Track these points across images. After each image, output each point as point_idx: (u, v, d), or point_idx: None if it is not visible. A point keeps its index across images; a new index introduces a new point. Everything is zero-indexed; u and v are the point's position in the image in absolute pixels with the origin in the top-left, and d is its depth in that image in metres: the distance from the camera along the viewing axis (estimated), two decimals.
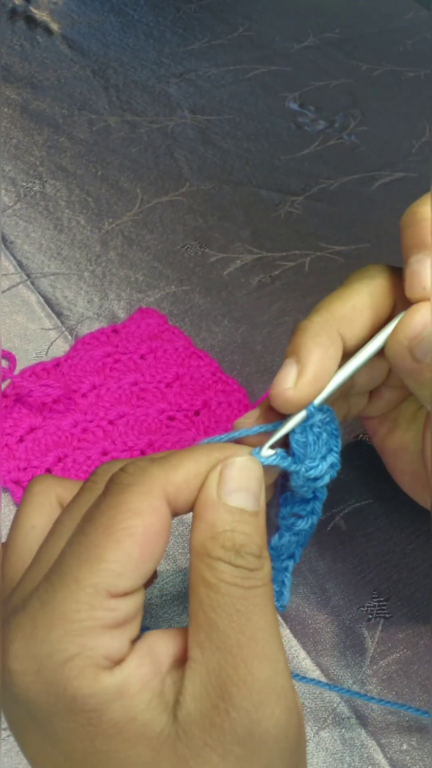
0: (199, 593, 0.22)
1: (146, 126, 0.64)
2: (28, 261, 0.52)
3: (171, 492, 0.23)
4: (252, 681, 0.21)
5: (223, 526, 0.23)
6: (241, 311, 0.50)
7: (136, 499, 0.22)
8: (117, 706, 0.21)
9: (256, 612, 0.22)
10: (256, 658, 0.21)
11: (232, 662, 0.21)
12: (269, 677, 0.22)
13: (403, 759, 0.33)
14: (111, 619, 0.21)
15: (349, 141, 0.65)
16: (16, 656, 0.21)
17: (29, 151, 0.61)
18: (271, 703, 0.21)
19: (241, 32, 0.77)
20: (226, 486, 0.23)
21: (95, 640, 0.21)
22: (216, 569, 0.22)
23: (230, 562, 0.22)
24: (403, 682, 0.36)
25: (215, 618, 0.22)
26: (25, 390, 0.43)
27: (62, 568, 0.22)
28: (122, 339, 0.47)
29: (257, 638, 0.22)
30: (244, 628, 0.22)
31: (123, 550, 0.21)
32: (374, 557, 0.39)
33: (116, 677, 0.21)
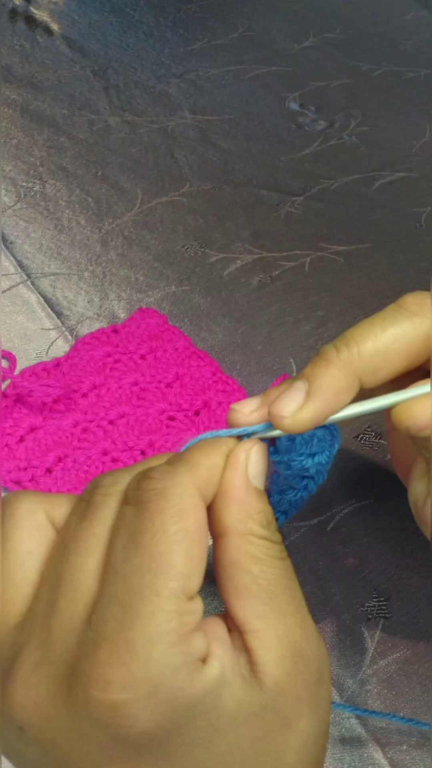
0: (251, 570, 0.24)
1: (146, 126, 0.64)
2: (28, 261, 0.52)
3: (202, 488, 0.24)
4: (311, 634, 0.24)
5: (258, 507, 0.25)
6: (241, 311, 0.51)
7: (179, 501, 0.22)
8: (226, 695, 0.22)
9: (294, 579, 0.25)
10: (308, 618, 0.24)
11: (295, 623, 0.24)
12: (316, 629, 0.25)
13: (403, 759, 0.33)
14: (196, 621, 0.22)
15: (350, 141, 0.65)
16: (122, 687, 0.20)
17: (29, 151, 0.61)
18: (323, 651, 0.25)
19: (242, 32, 0.77)
20: (253, 469, 0.25)
21: (191, 645, 0.21)
22: (262, 546, 0.24)
23: (270, 539, 0.24)
24: (403, 682, 0.36)
25: (274, 589, 0.24)
26: (25, 390, 0.43)
27: (128, 583, 0.21)
28: (122, 339, 0.47)
29: (302, 603, 0.24)
30: (295, 594, 0.24)
31: (186, 551, 0.22)
32: (374, 557, 0.39)
33: (215, 669, 0.22)
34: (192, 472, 0.24)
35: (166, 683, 0.20)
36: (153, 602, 0.21)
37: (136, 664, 0.20)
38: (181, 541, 0.22)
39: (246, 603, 0.23)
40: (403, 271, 0.55)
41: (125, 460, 0.42)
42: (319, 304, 0.52)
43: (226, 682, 0.22)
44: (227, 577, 0.24)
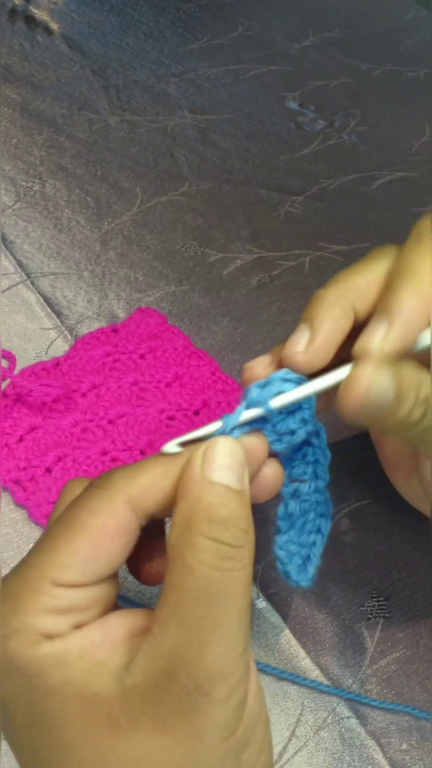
0: (173, 575, 0.22)
1: (146, 126, 0.64)
2: (27, 261, 0.52)
3: (134, 495, 0.24)
4: (200, 661, 0.22)
5: (209, 500, 0.23)
6: (240, 311, 0.50)
7: (97, 501, 0.23)
8: (55, 672, 0.22)
9: (228, 597, 0.22)
10: (212, 641, 0.22)
11: (186, 641, 0.22)
12: (218, 660, 0.22)
13: (403, 759, 0.33)
14: (51, 605, 0.22)
15: (349, 141, 0.65)
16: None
17: (29, 150, 0.60)
18: (212, 683, 0.22)
19: (241, 32, 0.77)
20: (211, 464, 0.24)
21: (34, 619, 0.22)
22: (197, 548, 0.22)
23: (215, 537, 0.22)
24: (402, 682, 0.36)
25: (184, 599, 0.22)
26: (25, 390, 0.43)
27: (28, 554, 0.24)
28: (122, 339, 0.47)
29: (220, 622, 0.22)
30: (210, 613, 0.22)
31: (72, 544, 0.23)
32: (374, 557, 0.39)
33: (55, 646, 0.22)
34: (129, 478, 0.24)
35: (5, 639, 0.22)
36: (24, 573, 0.23)
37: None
38: (74, 535, 0.23)
39: (159, 605, 0.23)
40: None
41: (125, 459, 0.42)
42: None
43: (64, 661, 0.22)
44: (165, 574, 0.23)
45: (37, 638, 0.22)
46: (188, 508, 0.23)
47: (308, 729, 0.34)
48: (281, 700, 0.35)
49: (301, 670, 0.35)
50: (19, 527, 0.40)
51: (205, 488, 0.23)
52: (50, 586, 0.23)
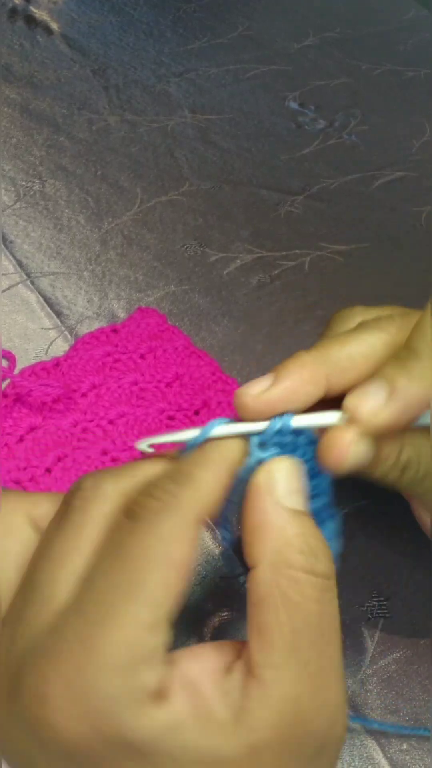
0: (278, 612, 0.21)
1: (146, 125, 0.64)
2: (27, 260, 0.52)
3: (203, 511, 0.22)
4: (327, 705, 0.21)
5: (294, 530, 0.21)
6: (241, 311, 0.50)
7: (173, 527, 0.21)
8: (172, 739, 0.20)
9: (333, 631, 0.21)
10: (333, 681, 0.21)
11: (311, 689, 0.20)
12: (340, 695, 0.21)
13: (403, 759, 0.33)
14: (155, 653, 0.20)
15: (349, 140, 0.65)
16: (57, 706, 0.19)
17: (29, 150, 0.60)
18: (336, 724, 0.21)
19: (241, 32, 0.77)
20: (280, 489, 0.22)
21: (140, 677, 0.20)
22: (299, 583, 0.21)
23: (311, 570, 0.21)
24: (402, 682, 0.35)
25: (298, 641, 0.21)
26: (24, 389, 0.43)
27: (99, 598, 0.20)
28: (122, 338, 0.47)
29: (334, 661, 0.21)
30: (324, 650, 0.21)
31: (164, 578, 0.20)
32: (374, 557, 0.39)
33: (167, 711, 0.20)
34: (195, 496, 0.22)
35: (100, 710, 0.19)
36: (114, 623, 0.20)
37: (77, 685, 0.19)
38: (161, 569, 0.20)
39: (263, 646, 0.21)
40: (403, 271, 0.55)
41: (125, 459, 0.42)
42: (319, 303, 0.52)
43: (179, 726, 0.20)
44: (253, 613, 0.21)
45: (146, 700, 0.19)
46: (275, 542, 0.21)
47: None
48: None
49: None
50: None
51: (284, 518, 0.22)
52: (147, 630, 0.20)
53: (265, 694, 0.20)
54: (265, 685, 0.20)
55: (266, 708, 0.20)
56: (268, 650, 0.21)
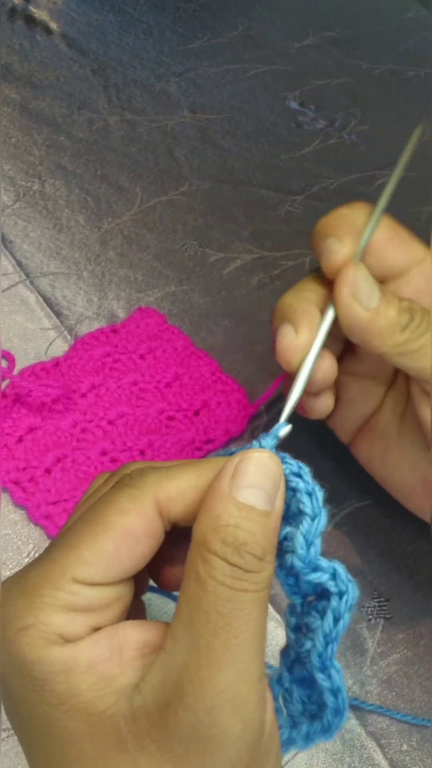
0: (188, 586, 0.22)
1: (146, 125, 0.64)
2: (27, 260, 0.52)
3: (163, 500, 0.23)
4: (210, 686, 0.21)
5: (227, 520, 0.22)
6: (241, 311, 0.50)
7: (126, 500, 0.23)
8: (61, 679, 0.21)
9: (239, 618, 0.21)
10: (223, 664, 0.21)
11: (196, 662, 0.21)
12: (230, 685, 0.21)
13: (403, 759, 0.33)
14: (70, 602, 0.22)
15: (350, 140, 0.65)
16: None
17: (28, 150, 0.60)
18: (224, 712, 0.21)
19: (241, 31, 0.77)
20: (238, 480, 0.23)
21: (51, 617, 0.22)
22: (209, 564, 0.22)
23: (225, 558, 0.22)
24: (403, 683, 0.35)
25: (195, 614, 0.21)
26: (24, 390, 0.43)
27: (52, 546, 0.23)
28: (122, 339, 0.47)
29: (230, 644, 0.21)
30: (220, 631, 0.21)
31: (97, 542, 0.22)
32: (374, 557, 0.39)
33: (64, 652, 0.21)
34: (160, 482, 0.23)
35: (10, 632, 0.22)
36: (44, 567, 0.22)
37: (2, 607, 0.22)
38: (99, 533, 0.22)
39: (174, 619, 0.22)
40: None
41: (124, 460, 0.42)
42: None
43: (71, 670, 0.21)
44: (181, 586, 0.22)
45: (50, 638, 0.21)
46: (207, 523, 0.22)
47: None
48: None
49: None
50: (19, 528, 0.40)
51: (226, 506, 0.22)
52: (71, 582, 0.22)
53: (160, 660, 0.21)
54: (163, 653, 0.22)
55: (156, 674, 0.21)
56: (174, 621, 0.22)
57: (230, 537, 0.22)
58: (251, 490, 0.23)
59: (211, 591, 0.21)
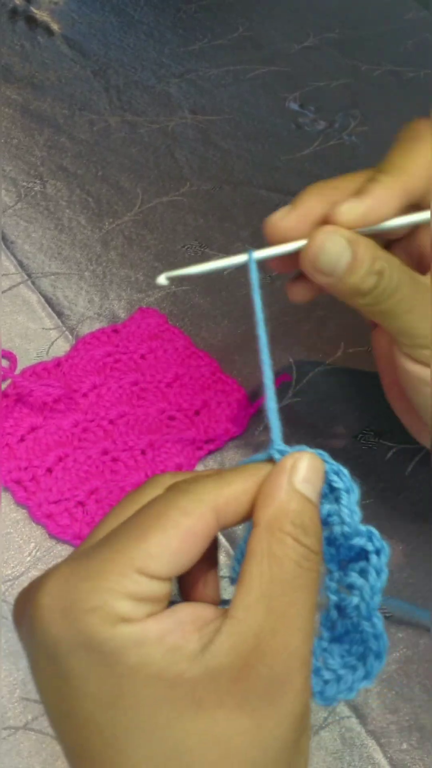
0: (261, 563, 0.24)
1: (147, 126, 0.64)
2: (28, 261, 0.52)
3: (221, 504, 0.25)
4: (285, 646, 0.23)
5: (294, 506, 0.25)
6: (241, 311, 0.51)
7: (189, 503, 0.25)
8: (133, 652, 0.23)
9: (305, 591, 0.24)
10: (296, 629, 0.24)
11: (273, 627, 0.23)
12: (299, 647, 0.24)
13: (403, 759, 0.34)
14: (133, 591, 0.23)
15: (350, 141, 0.65)
16: (48, 592, 0.23)
17: (30, 151, 0.61)
18: (294, 671, 0.23)
19: (242, 33, 0.77)
20: (298, 474, 0.26)
21: (117, 601, 0.23)
22: (284, 543, 0.24)
23: (298, 539, 0.24)
24: (403, 682, 0.36)
25: (273, 588, 0.24)
26: (25, 390, 0.43)
27: (113, 537, 0.25)
28: (123, 339, 0.47)
29: (300, 613, 0.24)
30: (293, 602, 0.24)
31: (164, 537, 0.24)
32: None
33: (134, 627, 0.23)
34: (218, 487, 0.26)
35: (77, 610, 0.23)
36: (111, 555, 0.24)
37: (66, 585, 0.24)
38: (166, 529, 0.24)
39: (242, 590, 0.24)
40: None
41: (125, 459, 0.42)
42: (319, 304, 0.52)
43: (142, 643, 0.23)
44: (243, 566, 0.25)
45: (116, 619, 0.23)
46: (276, 510, 0.25)
47: None
48: None
49: None
50: (20, 527, 0.40)
51: (292, 495, 0.25)
52: (135, 572, 0.23)
53: (233, 626, 0.23)
54: (235, 621, 0.24)
55: (229, 636, 0.23)
56: (246, 593, 0.24)
57: (298, 519, 0.25)
58: (306, 484, 0.26)
59: (287, 569, 0.24)
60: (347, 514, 0.26)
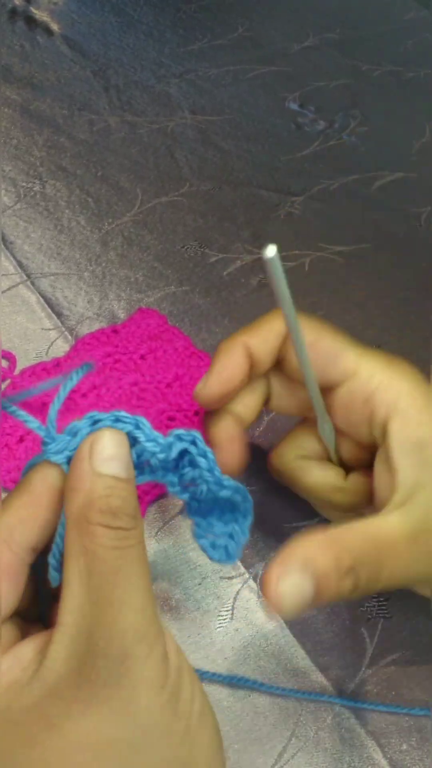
0: (78, 562, 0.23)
1: (146, 126, 0.64)
2: (28, 261, 0.52)
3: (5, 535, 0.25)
4: (117, 629, 0.23)
5: (99, 492, 0.24)
6: (241, 311, 0.50)
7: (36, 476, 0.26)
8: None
9: (131, 568, 0.24)
10: (123, 608, 0.23)
11: (100, 616, 0.23)
12: (133, 622, 0.23)
13: (403, 759, 0.34)
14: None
15: (349, 141, 0.65)
16: None
17: (29, 151, 0.61)
18: (134, 643, 0.23)
19: (241, 32, 0.77)
20: (99, 456, 0.25)
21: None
22: (94, 535, 0.23)
23: (108, 524, 0.24)
24: (402, 683, 0.36)
25: (92, 582, 0.23)
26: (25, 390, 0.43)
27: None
28: (122, 339, 0.47)
29: (127, 591, 0.23)
30: (118, 584, 0.23)
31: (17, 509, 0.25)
32: None
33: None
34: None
35: None
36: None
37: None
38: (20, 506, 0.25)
39: (65, 593, 0.23)
40: (403, 271, 0.55)
41: None
42: (319, 304, 0.52)
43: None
44: (64, 568, 0.24)
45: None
46: (81, 501, 0.24)
47: (308, 729, 0.34)
48: (281, 700, 0.35)
49: (300, 670, 0.35)
50: None
51: (95, 481, 0.24)
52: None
53: (62, 634, 0.23)
54: (64, 627, 0.23)
55: (61, 645, 0.23)
56: (69, 596, 0.23)
57: (105, 506, 0.24)
58: (112, 461, 0.25)
59: (102, 557, 0.23)
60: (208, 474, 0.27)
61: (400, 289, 0.53)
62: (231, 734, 0.33)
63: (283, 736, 0.34)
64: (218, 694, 0.34)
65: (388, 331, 0.50)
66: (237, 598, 0.37)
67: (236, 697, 0.34)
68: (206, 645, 0.36)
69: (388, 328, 0.50)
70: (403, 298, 0.53)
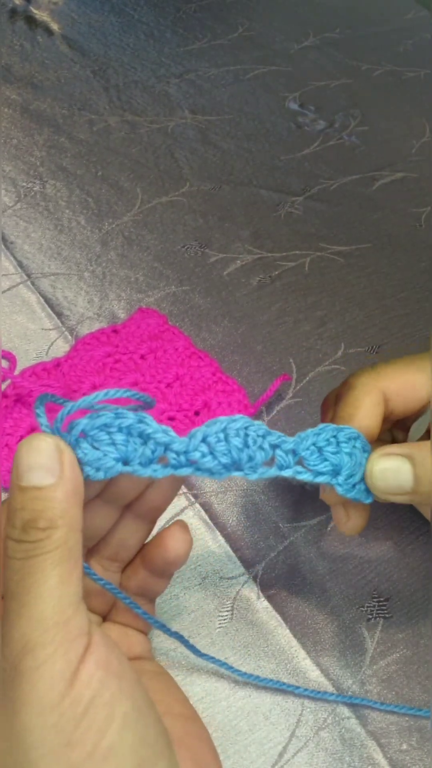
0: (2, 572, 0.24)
1: (146, 126, 0.64)
2: (28, 261, 0.52)
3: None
4: (12, 638, 0.23)
5: (15, 506, 0.24)
6: (241, 311, 0.50)
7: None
8: None
9: (34, 577, 0.23)
10: (21, 617, 0.23)
11: (3, 624, 0.23)
12: (23, 635, 0.23)
13: (403, 759, 0.34)
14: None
15: (349, 141, 0.65)
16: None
17: (29, 151, 0.61)
18: (21, 659, 0.22)
19: (241, 32, 0.77)
20: (18, 468, 0.24)
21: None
22: (7, 548, 0.24)
23: (16, 539, 0.24)
24: (402, 682, 0.36)
25: (6, 593, 0.24)
26: (25, 390, 0.43)
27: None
28: (122, 339, 0.47)
29: (25, 601, 0.23)
30: (18, 594, 0.23)
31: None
32: (374, 557, 0.39)
33: None
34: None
35: None
36: None
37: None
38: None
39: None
40: (403, 271, 0.55)
41: None
42: (319, 304, 0.52)
43: None
44: None
45: None
46: (7, 520, 0.25)
47: (308, 729, 0.34)
48: (281, 700, 0.35)
49: (301, 670, 0.35)
50: None
51: (15, 495, 0.24)
52: None
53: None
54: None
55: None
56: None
57: (18, 520, 0.24)
58: (30, 471, 0.24)
59: (10, 567, 0.24)
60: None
61: (400, 289, 0.53)
62: (231, 734, 0.33)
63: (283, 736, 0.34)
64: (218, 693, 0.34)
65: (388, 331, 0.50)
66: (237, 598, 0.37)
67: (236, 697, 0.34)
68: (206, 645, 0.36)
69: (388, 328, 0.50)
70: (403, 298, 0.53)
